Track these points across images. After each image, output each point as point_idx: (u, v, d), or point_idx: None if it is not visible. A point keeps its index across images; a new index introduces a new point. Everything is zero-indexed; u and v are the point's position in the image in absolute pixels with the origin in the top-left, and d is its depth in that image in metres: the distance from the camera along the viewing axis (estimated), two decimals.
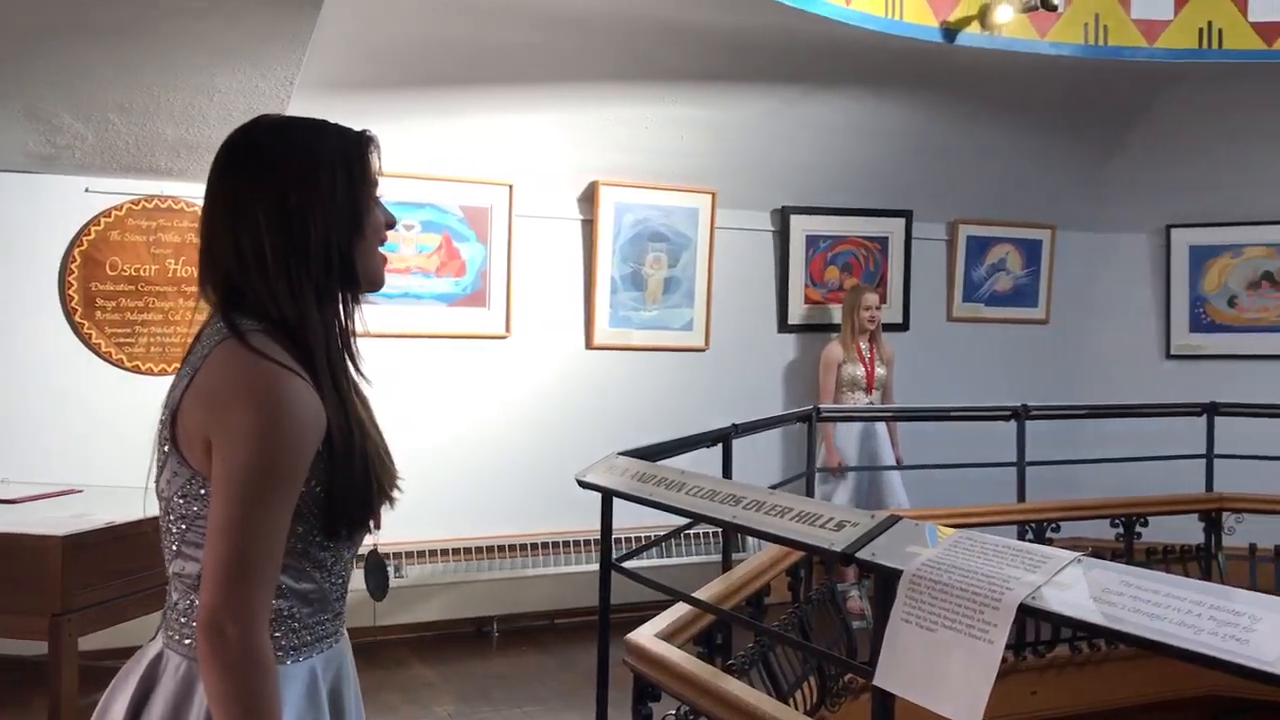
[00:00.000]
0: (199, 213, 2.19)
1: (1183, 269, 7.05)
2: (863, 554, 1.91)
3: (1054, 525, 5.02)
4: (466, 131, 5.49)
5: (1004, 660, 4.91)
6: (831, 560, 2.38)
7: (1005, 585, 1.62)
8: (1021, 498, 5.14)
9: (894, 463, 6.15)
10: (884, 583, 1.84)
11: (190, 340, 1.58)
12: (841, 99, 5.97)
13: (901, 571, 1.78)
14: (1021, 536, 5.01)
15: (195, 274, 1.74)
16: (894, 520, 1.97)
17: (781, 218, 6.52)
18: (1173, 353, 7.10)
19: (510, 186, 5.72)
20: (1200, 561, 5.39)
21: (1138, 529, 5.17)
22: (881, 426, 6.20)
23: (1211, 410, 5.51)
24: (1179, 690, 5.16)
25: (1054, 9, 5.57)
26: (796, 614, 4.10)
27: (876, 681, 1.75)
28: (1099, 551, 5.15)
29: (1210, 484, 5.49)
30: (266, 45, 4.19)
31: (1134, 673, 5.00)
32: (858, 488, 6.09)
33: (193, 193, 5.04)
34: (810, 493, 4.99)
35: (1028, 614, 1.58)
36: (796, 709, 3.77)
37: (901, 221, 6.77)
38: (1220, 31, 5.87)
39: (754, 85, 5.73)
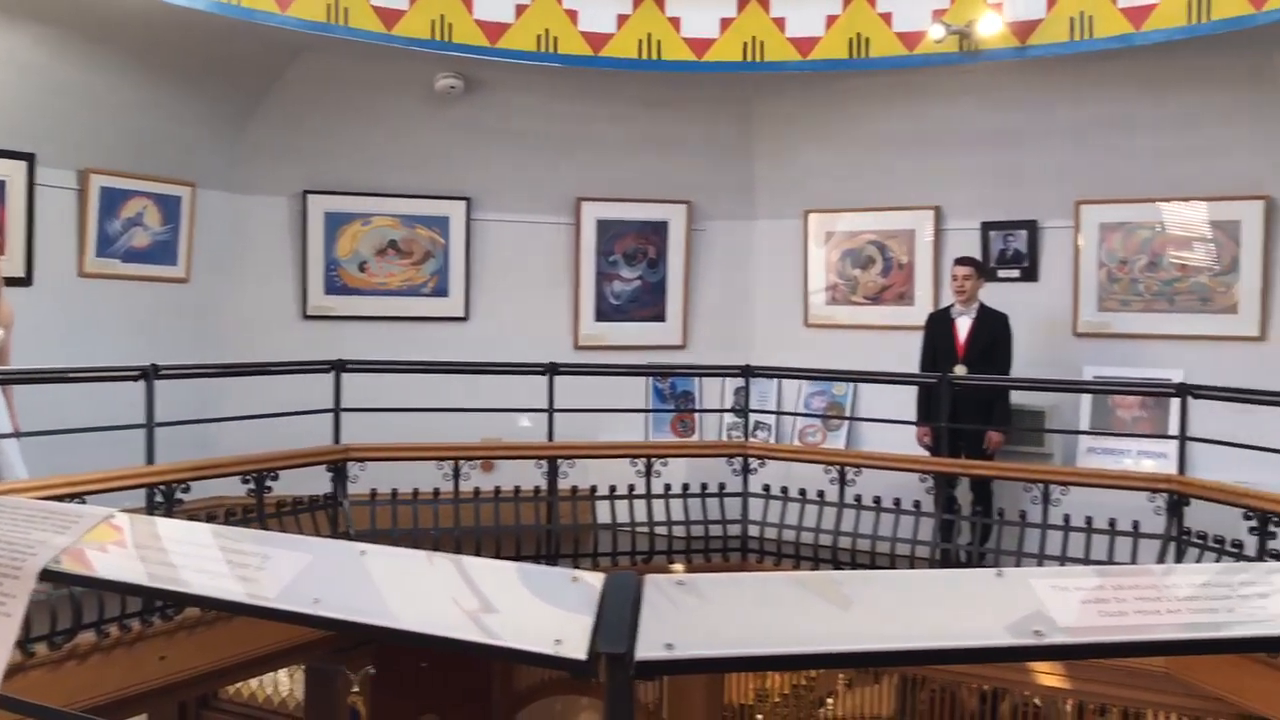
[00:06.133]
0: None
1: (319, 234, 7.39)
2: None
3: (184, 486, 4.95)
4: None
5: (128, 629, 4.70)
6: None
7: (29, 551, 1.49)
8: (151, 459, 4.98)
9: (10, 431, 5.53)
10: None
11: None
12: None
13: None
14: (151, 499, 4.87)
15: None
16: None
17: None
18: (309, 313, 7.42)
19: None
20: (329, 510, 5.75)
21: (268, 483, 5.32)
22: None
23: (339, 367, 5.89)
24: (306, 634, 5.45)
25: None
26: None
27: None
28: (231, 509, 5.24)
29: (338, 436, 5.88)
30: None
31: (265, 623, 5.14)
32: None
33: None
34: None
35: (51, 579, 1.47)
36: None
37: (23, 165, 6.08)
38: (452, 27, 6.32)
39: None
